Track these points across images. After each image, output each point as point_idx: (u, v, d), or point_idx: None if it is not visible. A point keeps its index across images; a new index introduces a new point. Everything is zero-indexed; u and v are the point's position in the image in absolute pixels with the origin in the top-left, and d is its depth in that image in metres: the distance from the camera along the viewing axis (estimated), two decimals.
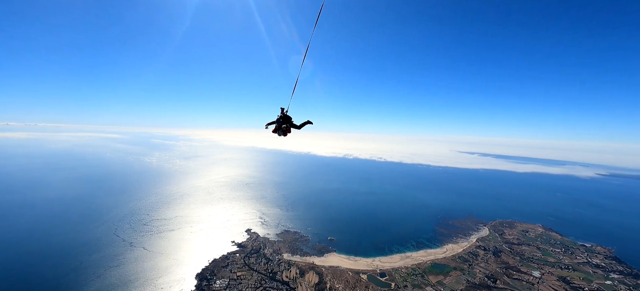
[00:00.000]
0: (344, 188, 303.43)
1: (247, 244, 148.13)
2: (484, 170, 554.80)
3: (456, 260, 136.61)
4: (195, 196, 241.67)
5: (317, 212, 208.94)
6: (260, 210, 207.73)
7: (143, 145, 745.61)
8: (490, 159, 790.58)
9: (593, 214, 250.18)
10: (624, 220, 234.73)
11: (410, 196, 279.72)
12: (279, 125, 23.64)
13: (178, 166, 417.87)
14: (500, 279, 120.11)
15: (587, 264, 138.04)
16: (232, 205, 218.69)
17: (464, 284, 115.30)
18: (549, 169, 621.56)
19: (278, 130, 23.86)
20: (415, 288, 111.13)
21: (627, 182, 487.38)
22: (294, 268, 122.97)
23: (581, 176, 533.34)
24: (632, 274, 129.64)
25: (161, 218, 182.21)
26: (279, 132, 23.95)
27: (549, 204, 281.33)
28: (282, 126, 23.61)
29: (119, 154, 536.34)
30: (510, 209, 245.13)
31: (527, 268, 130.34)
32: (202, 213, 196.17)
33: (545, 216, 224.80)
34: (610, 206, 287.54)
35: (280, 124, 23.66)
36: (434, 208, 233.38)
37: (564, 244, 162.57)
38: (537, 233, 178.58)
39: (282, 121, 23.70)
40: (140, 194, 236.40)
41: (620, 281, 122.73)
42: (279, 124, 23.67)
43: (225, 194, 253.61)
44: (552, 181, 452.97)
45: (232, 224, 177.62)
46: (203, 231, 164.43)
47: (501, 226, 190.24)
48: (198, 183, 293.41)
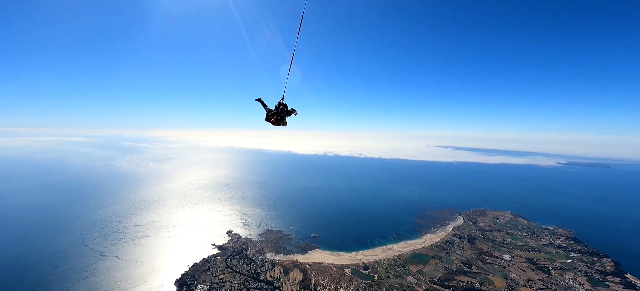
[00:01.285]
0: (326, 185, 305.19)
1: (228, 246, 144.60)
2: (458, 163, 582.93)
3: (434, 249, 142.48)
4: (171, 199, 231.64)
5: (299, 210, 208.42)
6: (241, 211, 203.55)
7: (112, 148, 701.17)
8: (462, 153, 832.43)
9: (554, 199, 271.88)
10: (581, 204, 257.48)
11: (390, 191, 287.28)
12: (280, 114, 23.06)
13: (151, 169, 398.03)
14: (475, 264, 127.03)
15: (550, 245, 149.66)
16: (211, 207, 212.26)
17: (442, 271, 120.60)
18: (515, 160, 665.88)
19: (279, 121, 23.22)
20: (397, 279, 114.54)
21: (583, 170, 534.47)
22: (278, 267, 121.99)
23: (543, 166, 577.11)
24: (589, 252, 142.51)
25: (135, 224, 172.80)
26: (281, 123, 23.36)
27: (516, 192, 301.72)
28: (283, 115, 23.05)
29: (86, 158, 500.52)
30: (482, 198, 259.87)
31: (498, 253, 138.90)
32: (180, 217, 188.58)
33: (513, 204, 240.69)
34: (569, 192, 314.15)
35: (282, 113, 23.10)
36: (412, 201, 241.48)
37: (530, 228, 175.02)
38: (506, 220, 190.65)
39: (283, 110, 23.11)
40: (111, 201, 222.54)
41: (579, 259, 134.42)
42: (280, 113, 23.07)
43: (204, 196, 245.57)
44: (518, 171, 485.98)
45: (212, 226, 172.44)
46: (181, 236, 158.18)
47: (474, 214, 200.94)
48: (174, 186, 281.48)
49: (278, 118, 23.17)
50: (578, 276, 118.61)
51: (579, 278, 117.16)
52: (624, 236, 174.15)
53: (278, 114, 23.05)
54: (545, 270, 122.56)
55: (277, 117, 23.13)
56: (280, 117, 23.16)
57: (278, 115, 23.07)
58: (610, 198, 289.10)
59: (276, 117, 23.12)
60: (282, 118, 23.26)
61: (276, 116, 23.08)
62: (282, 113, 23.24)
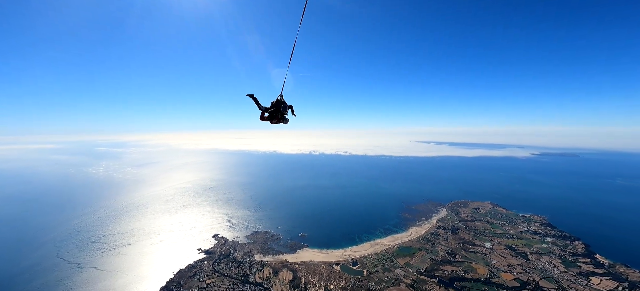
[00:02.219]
0: (312, 184, 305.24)
1: (215, 250, 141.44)
2: (440, 157, 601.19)
3: (420, 241, 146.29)
4: (152, 205, 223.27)
5: (286, 210, 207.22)
6: (227, 213, 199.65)
7: (86, 155, 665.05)
8: (444, 147, 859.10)
9: (529, 188, 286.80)
10: (553, 192, 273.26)
11: (375, 187, 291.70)
12: (278, 111, 21.27)
13: (130, 174, 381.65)
14: (459, 253, 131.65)
15: (527, 232, 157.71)
16: (195, 211, 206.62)
17: (428, 262, 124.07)
18: (492, 152, 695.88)
19: (279, 118, 21.56)
20: (385, 272, 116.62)
21: (554, 159, 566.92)
22: (267, 268, 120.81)
23: (518, 157, 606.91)
24: (562, 236, 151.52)
25: (114, 233, 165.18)
26: (282, 120, 21.77)
27: (494, 183, 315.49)
28: (283, 112, 21.34)
29: (57, 166, 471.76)
30: (464, 190, 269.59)
31: (480, 241, 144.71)
32: (163, 223, 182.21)
33: (492, 194, 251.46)
34: (542, 181, 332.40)
35: (284, 110, 21.41)
36: (398, 196, 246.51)
37: (508, 217, 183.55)
38: (486, 210, 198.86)
39: (274, 109, 21.21)
40: (87, 209, 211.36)
41: (553, 243, 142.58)
42: (279, 111, 21.29)
43: (187, 200, 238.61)
44: (496, 163, 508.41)
45: (197, 231, 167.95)
46: (165, 242, 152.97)
47: (457, 206, 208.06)
48: (155, 191, 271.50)
49: (278, 116, 21.42)
50: (553, 259, 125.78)
51: (553, 261, 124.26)
52: (592, 220, 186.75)
53: (276, 111, 21.30)
54: (523, 255, 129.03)
55: (276, 114, 21.34)
56: (280, 114, 21.43)
57: (276, 112, 21.32)
58: (579, 185, 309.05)
59: (274, 115, 21.31)
60: (282, 116, 21.60)
61: (273, 113, 21.30)
62: (284, 110, 21.57)
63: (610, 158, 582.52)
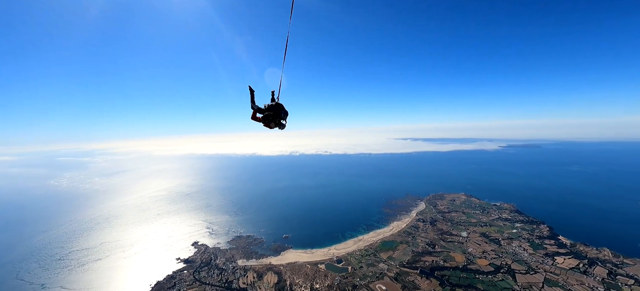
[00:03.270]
0: (294, 185, 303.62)
1: (195, 258, 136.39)
2: (416, 153, 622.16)
3: (402, 235, 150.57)
4: (125, 216, 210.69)
5: (269, 212, 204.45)
6: (207, 220, 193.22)
7: (46, 166, 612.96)
8: (420, 143, 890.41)
9: (499, 178, 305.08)
10: (520, 181, 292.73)
11: (356, 184, 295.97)
12: (272, 117, 19.45)
13: (98, 185, 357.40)
14: (438, 244, 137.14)
15: (498, 219, 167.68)
16: (172, 220, 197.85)
17: (410, 254, 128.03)
18: (464, 146, 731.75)
19: (275, 122, 19.80)
20: (369, 267, 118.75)
21: (519, 151, 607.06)
22: (251, 273, 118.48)
23: (488, 150, 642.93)
24: (529, 221, 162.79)
25: (82, 248, 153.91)
26: (278, 125, 20.06)
27: (467, 175, 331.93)
28: (273, 118, 19.45)
29: (11, 180, 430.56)
30: (440, 183, 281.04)
31: (457, 231, 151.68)
32: (137, 234, 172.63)
33: (466, 186, 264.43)
34: (510, 171, 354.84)
35: (277, 116, 19.58)
36: (378, 192, 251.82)
37: (481, 206, 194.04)
38: (461, 201, 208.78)
39: (271, 113, 19.36)
40: (50, 225, 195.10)
41: (522, 228, 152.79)
42: (274, 115, 19.47)
43: (163, 208, 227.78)
44: (468, 156, 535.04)
45: (175, 240, 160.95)
46: (140, 254, 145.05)
47: (434, 199, 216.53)
48: (127, 201, 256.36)
49: (276, 120, 19.70)
50: (522, 243, 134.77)
51: (523, 244, 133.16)
52: (555, 205, 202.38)
53: (274, 116, 19.48)
54: (496, 241, 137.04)
55: (273, 118, 19.53)
56: (275, 119, 19.62)
57: (275, 117, 19.52)
58: (542, 173, 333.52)
59: (270, 119, 19.50)
60: (279, 122, 19.91)
61: (270, 117, 19.43)
62: (284, 116, 20.00)
63: (567, 147, 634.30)
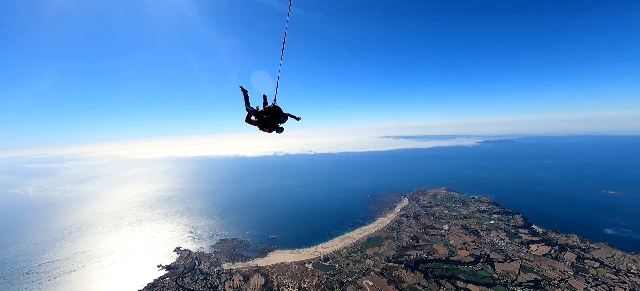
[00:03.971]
0: (279, 185, 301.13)
1: (177, 264, 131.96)
2: (399, 150, 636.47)
3: (387, 231, 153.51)
4: (100, 224, 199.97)
5: (254, 214, 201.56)
6: (189, 224, 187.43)
7: (10, 173, 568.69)
8: (402, 141, 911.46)
9: (477, 173, 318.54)
10: (496, 174, 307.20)
11: (342, 183, 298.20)
12: (269, 120, 18.52)
13: (69, 192, 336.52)
14: (421, 238, 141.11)
15: (477, 211, 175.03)
16: (152, 226, 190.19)
17: (395, 249, 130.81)
18: (444, 143, 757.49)
19: (273, 126, 19.01)
20: (356, 264, 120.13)
21: (494, 146, 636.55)
22: (237, 276, 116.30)
23: (466, 145, 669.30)
24: (505, 212, 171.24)
25: (53, 260, 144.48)
26: (276, 129, 19.30)
27: (447, 170, 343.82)
28: (268, 121, 18.53)
29: None
30: (422, 179, 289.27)
31: (439, 224, 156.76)
32: (114, 242, 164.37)
33: (446, 180, 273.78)
34: (487, 165, 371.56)
35: (276, 119, 18.76)
36: (363, 190, 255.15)
37: (461, 199, 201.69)
38: (442, 195, 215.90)
39: (269, 117, 18.46)
40: (15, 237, 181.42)
41: (499, 219, 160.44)
42: (272, 119, 18.55)
43: (142, 214, 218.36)
44: (448, 152, 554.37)
45: (155, 246, 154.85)
46: (118, 263, 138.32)
47: (417, 194, 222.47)
48: (102, 208, 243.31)
49: (274, 124, 18.83)
50: (499, 233, 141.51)
51: (500, 234, 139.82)
52: (528, 196, 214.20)
53: (271, 119, 18.57)
54: (475, 233, 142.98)
55: (270, 122, 18.57)
56: (274, 122, 18.79)
57: (272, 120, 18.62)
58: (516, 167, 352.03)
59: (267, 122, 18.55)
60: (277, 125, 19.14)
61: (267, 120, 18.46)
62: (284, 119, 19.19)
63: (538, 142, 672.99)
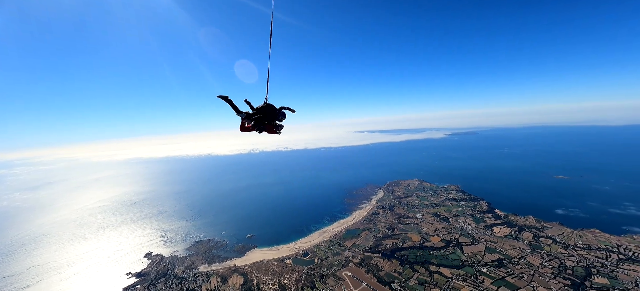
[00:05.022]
0: (255, 183, 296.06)
1: (149, 270, 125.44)
2: (373, 144, 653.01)
3: (364, 222, 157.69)
4: (57, 234, 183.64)
5: (230, 213, 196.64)
6: (161, 228, 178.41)
7: None
8: (376, 135, 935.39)
9: (446, 163, 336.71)
10: (463, 164, 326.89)
11: (319, 178, 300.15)
12: (263, 120, 17.81)
13: (20, 201, 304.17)
14: (397, 227, 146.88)
15: (446, 199, 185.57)
16: (119, 232, 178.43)
17: (372, 240, 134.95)
18: (415, 136, 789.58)
19: (263, 128, 18.21)
20: (335, 256, 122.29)
21: (461, 137, 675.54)
22: (215, 278, 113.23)
23: (435, 138, 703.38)
24: (471, 199, 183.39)
25: (3, 277, 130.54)
26: (275, 129, 18.59)
27: (419, 162, 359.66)
28: (264, 121, 17.84)
29: None
30: (395, 171, 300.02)
31: (412, 214, 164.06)
32: (75, 252, 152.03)
33: (418, 171, 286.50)
34: (454, 156, 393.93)
35: (273, 118, 18.06)
36: (340, 184, 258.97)
37: (432, 189, 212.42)
38: (415, 186, 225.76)
39: (262, 116, 17.71)
40: None
41: (466, 205, 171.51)
42: (265, 118, 17.78)
43: (106, 221, 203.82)
44: (419, 145, 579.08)
45: (123, 254, 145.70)
46: (81, 274, 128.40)
47: (391, 186, 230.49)
48: (60, 217, 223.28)
49: (270, 124, 18.10)
50: (467, 218, 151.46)
51: (467, 220, 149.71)
52: (491, 182, 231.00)
53: (264, 118, 17.80)
54: (445, 220, 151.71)
55: (264, 121, 17.84)
56: (271, 121, 18.09)
57: (266, 119, 17.88)
58: (480, 156, 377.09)
59: (261, 123, 17.82)
60: (275, 124, 18.42)
61: (260, 120, 17.69)
62: (281, 117, 18.46)
63: (499, 133, 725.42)
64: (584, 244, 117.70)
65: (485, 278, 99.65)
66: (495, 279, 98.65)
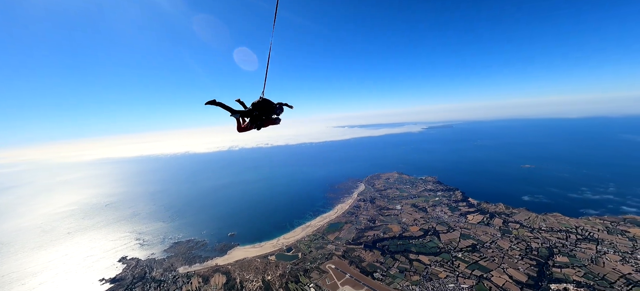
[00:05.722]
0: (236, 181, 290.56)
1: (125, 275, 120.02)
2: (354, 139, 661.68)
3: (346, 216, 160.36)
4: (20, 242, 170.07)
5: (210, 212, 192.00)
6: (136, 230, 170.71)
7: None
8: (356, 129, 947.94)
9: (423, 156, 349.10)
10: (439, 156, 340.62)
11: (301, 173, 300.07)
12: (260, 116, 17.26)
13: None
14: (378, 219, 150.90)
15: (424, 190, 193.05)
16: (89, 237, 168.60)
17: (354, 232, 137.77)
18: (394, 130, 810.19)
19: (260, 123, 17.59)
20: (319, 250, 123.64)
21: (438, 131, 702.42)
22: (196, 278, 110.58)
23: (413, 132, 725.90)
24: (447, 189, 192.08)
25: None
26: (273, 122, 18.15)
27: (398, 155, 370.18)
28: (262, 118, 17.35)
29: None
30: (376, 164, 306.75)
31: (392, 205, 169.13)
32: (40, 260, 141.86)
33: (397, 164, 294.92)
34: (431, 149, 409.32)
35: (258, 117, 17.34)
36: (322, 178, 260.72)
37: (411, 181, 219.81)
38: (394, 178, 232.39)
39: (259, 113, 17.14)
40: None
41: (442, 195, 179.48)
42: (256, 115, 17.17)
43: (75, 225, 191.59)
44: (398, 138, 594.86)
45: (95, 259, 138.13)
46: (47, 283, 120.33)
47: (372, 179, 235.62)
48: (22, 223, 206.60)
49: (266, 120, 17.59)
50: (443, 208, 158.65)
51: (443, 209, 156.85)
52: (465, 173, 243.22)
53: (262, 114, 17.28)
54: (423, 210, 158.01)
55: (261, 117, 17.31)
56: (269, 115, 17.62)
57: (265, 114, 17.38)
58: (455, 149, 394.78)
59: (258, 119, 17.28)
60: (273, 119, 18.01)
61: (257, 117, 17.18)
62: (278, 111, 18.03)
63: (472, 126, 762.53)
64: (547, 227, 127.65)
65: (461, 262, 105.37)
66: (470, 263, 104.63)
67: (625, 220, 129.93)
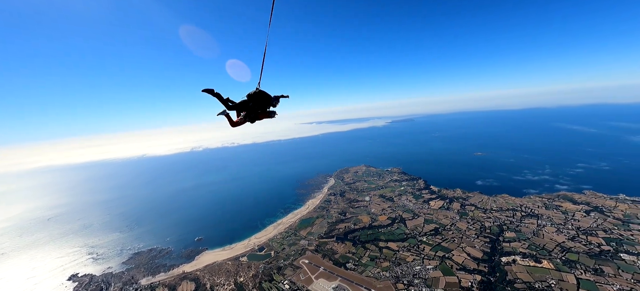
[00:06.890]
0: (201, 183, 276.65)
1: None
2: (322, 135, 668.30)
3: (317, 211, 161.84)
4: None
5: (173, 218, 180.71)
6: (87, 244, 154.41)
7: None
8: (324, 126, 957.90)
9: (388, 148, 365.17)
10: (403, 148, 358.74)
11: (270, 171, 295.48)
12: (255, 108, 16.58)
13: None
14: (348, 211, 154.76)
15: (391, 181, 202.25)
16: (29, 256, 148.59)
17: (326, 226, 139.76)
18: (361, 124, 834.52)
19: (255, 117, 16.94)
20: (291, 247, 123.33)
21: (400, 124, 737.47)
22: (161, 288, 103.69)
23: (379, 126, 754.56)
24: (411, 179, 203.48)
25: None
26: (268, 114, 17.37)
27: (365, 148, 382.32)
28: (257, 111, 16.70)
29: None
30: (344, 159, 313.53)
31: (361, 197, 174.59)
32: None
33: (365, 158, 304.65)
34: (395, 141, 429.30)
35: (253, 109, 16.63)
36: (292, 175, 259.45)
37: (378, 173, 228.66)
38: (362, 171, 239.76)
39: (253, 105, 16.45)
40: None
41: (407, 185, 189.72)
42: (251, 107, 16.46)
43: (10, 245, 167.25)
44: (364, 133, 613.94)
45: (39, 280, 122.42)
46: None
47: (341, 173, 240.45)
48: None
49: (261, 113, 17.02)
50: (408, 196, 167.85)
51: (408, 198, 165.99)
52: (426, 163, 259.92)
53: (257, 107, 16.71)
54: (390, 200, 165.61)
55: (257, 110, 16.76)
56: (265, 107, 17.06)
57: (259, 107, 16.81)
58: (417, 140, 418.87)
59: (253, 112, 16.73)
60: (266, 111, 17.29)
61: (253, 109, 16.61)
62: (275, 102, 17.37)
63: (431, 119, 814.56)
64: (497, 207, 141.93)
65: (425, 246, 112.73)
66: (433, 245, 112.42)
67: (559, 196, 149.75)
